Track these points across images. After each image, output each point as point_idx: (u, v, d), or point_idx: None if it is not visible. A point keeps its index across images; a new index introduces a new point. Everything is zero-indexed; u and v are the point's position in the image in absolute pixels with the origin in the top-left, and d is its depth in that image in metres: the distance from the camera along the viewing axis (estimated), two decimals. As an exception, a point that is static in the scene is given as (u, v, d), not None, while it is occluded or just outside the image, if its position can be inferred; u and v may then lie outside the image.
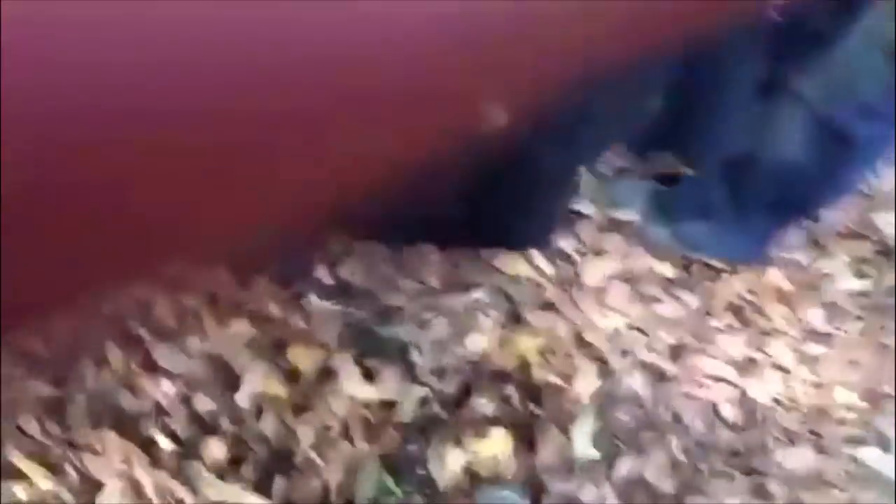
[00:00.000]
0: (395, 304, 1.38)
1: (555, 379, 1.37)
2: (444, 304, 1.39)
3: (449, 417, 1.32)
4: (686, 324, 1.45)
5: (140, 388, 1.25)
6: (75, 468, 1.20)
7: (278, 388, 1.30)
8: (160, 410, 1.25)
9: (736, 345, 1.44)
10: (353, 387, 1.31)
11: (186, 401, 1.26)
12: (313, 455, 1.27)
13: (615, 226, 1.49)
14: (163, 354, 1.28)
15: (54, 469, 1.20)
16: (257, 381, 1.29)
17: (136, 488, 1.19)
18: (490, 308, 1.40)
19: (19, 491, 1.18)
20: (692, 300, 1.46)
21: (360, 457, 1.27)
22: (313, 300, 1.36)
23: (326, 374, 1.32)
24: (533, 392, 1.36)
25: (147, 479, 1.19)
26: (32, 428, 1.22)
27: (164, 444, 1.22)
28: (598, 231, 1.48)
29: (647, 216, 1.48)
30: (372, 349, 1.34)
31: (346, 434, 1.29)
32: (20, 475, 1.19)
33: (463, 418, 1.32)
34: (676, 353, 1.43)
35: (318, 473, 1.25)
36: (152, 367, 1.27)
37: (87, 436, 1.22)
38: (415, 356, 1.34)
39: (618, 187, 1.52)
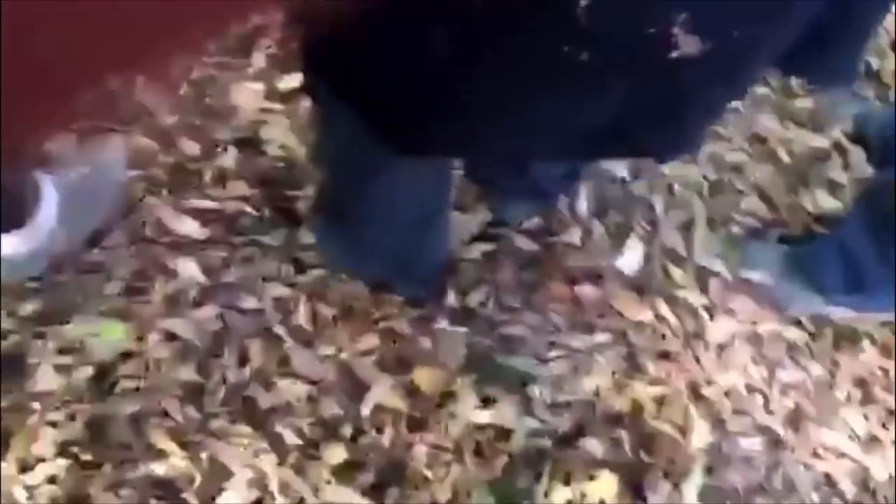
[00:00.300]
0: (517, 335, 1.39)
1: (668, 429, 1.34)
2: (565, 341, 1.38)
3: (559, 454, 1.31)
4: (808, 392, 1.39)
5: (275, 387, 1.30)
6: (208, 453, 1.26)
7: (399, 403, 1.32)
8: (290, 410, 1.29)
9: (859, 419, 1.37)
10: (470, 411, 1.32)
11: (315, 404, 1.30)
12: (425, 471, 1.28)
13: (745, 285, 1.44)
14: (299, 358, 1.32)
15: (189, 451, 1.26)
16: (381, 394, 1.32)
17: (261, 480, 1.23)
18: (610, 351, 1.38)
19: (157, 467, 1.24)
20: (817, 369, 1.40)
21: (469, 479, 1.28)
22: (441, 323, 1.37)
23: (446, 395, 1.34)
24: (645, 439, 1.34)
25: (272, 473, 1.23)
26: (174, 409, 1.29)
27: (292, 442, 1.26)
28: (726, 289, 1.44)
29: (782, 278, 1.43)
30: (492, 377, 1.35)
31: (459, 455, 1.30)
32: (159, 453, 1.26)
33: (573, 457, 1.30)
34: (795, 420, 1.38)
35: (428, 489, 1.27)
36: (288, 368, 1.32)
37: (222, 424, 1.28)
38: (532, 389, 1.34)
39: (751, 249, 1.48)
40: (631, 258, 1.45)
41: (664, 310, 1.42)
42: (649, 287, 1.44)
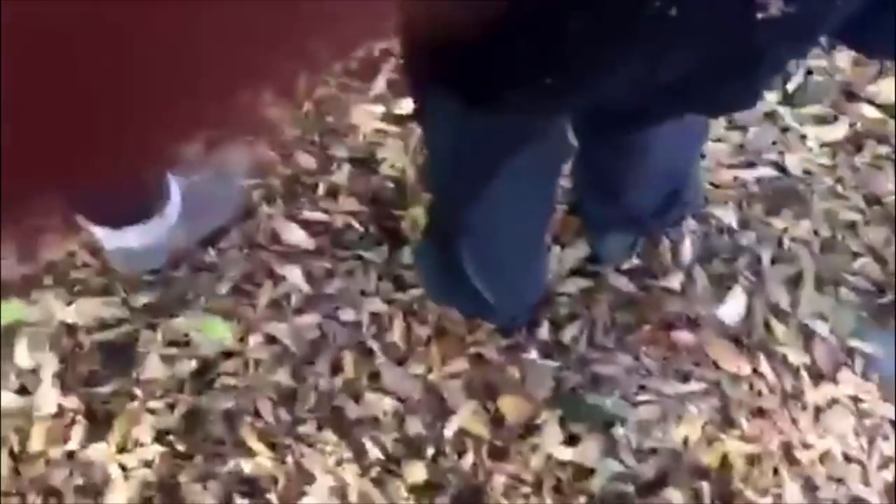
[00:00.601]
0: (608, 375, 1.34)
1: (754, 489, 1.26)
2: (657, 386, 1.33)
3: (640, 501, 1.25)
4: (911, 467, 1.29)
5: (364, 399, 1.30)
6: (294, 457, 1.26)
7: (483, 429, 1.30)
8: (376, 424, 1.29)
9: (966, 502, 1.26)
10: (553, 446, 1.28)
11: (401, 421, 1.29)
12: (502, 500, 1.25)
13: (851, 354, 1.35)
14: (389, 374, 1.32)
15: (277, 452, 1.27)
16: (465, 418, 1.30)
17: (341, 489, 1.23)
18: (702, 401, 1.32)
19: (245, 465, 1.26)
20: (923, 444, 1.30)
21: (545, 514, 1.24)
22: (532, 355, 1.34)
23: (530, 427, 1.30)
24: (728, 497, 1.26)
25: (353, 483, 1.23)
26: (266, 410, 1.30)
27: (375, 455, 1.25)
28: (831, 355, 1.35)
29: (894, 353, 1.32)
30: (578, 414, 1.31)
31: (537, 489, 1.26)
32: (248, 451, 1.27)
33: (654, 505, 1.25)
34: (893, 494, 1.28)
35: (504, 520, 1.23)
36: (378, 383, 1.31)
37: (309, 430, 1.28)
38: (618, 432, 1.29)
39: (864, 324, 1.38)
40: (732, 309, 1.39)
41: (763, 365, 1.34)
42: (749, 340, 1.37)
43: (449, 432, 1.29)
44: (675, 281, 1.40)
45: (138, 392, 1.31)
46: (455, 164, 0.87)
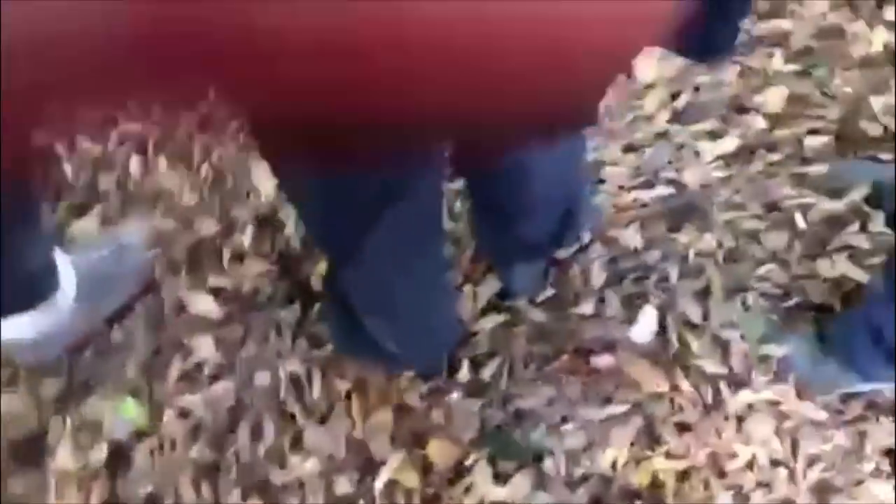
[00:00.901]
0: (531, 408, 1.35)
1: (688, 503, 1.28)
2: (581, 414, 1.34)
3: (576, 531, 1.26)
4: (834, 464, 1.32)
5: (289, 464, 1.28)
6: (221, 532, 1.23)
7: (413, 479, 1.29)
8: (303, 488, 1.27)
9: (888, 491, 1.30)
10: (485, 486, 1.28)
11: (328, 481, 1.27)
12: (440, 550, 1.24)
13: (764, 359, 1.39)
14: (312, 435, 1.30)
15: (203, 530, 1.24)
16: (394, 470, 1.29)
17: (271, 560, 1.20)
18: (627, 423, 1.34)
19: (169, 547, 1.22)
20: (843, 440, 1.34)
21: (484, 558, 1.23)
22: (454, 397, 1.34)
23: (460, 470, 1.30)
24: (664, 514, 1.28)
25: (282, 553, 1.20)
26: (187, 490, 1.27)
27: (302, 521, 1.23)
28: (745, 359, 1.39)
29: (813, 358, 1.36)
30: (506, 451, 1.31)
31: (473, 533, 1.25)
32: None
33: (590, 533, 1.25)
34: (821, 492, 1.31)
35: (443, 569, 1.22)
36: (301, 445, 1.29)
37: (235, 502, 1.25)
38: (547, 464, 1.29)
39: (778, 328, 1.41)
40: (646, 328, 1.41)
41: (681, 380, 1.37)
42: (666, 357, 1.39)
43: (379, 485, 1.28)
44: (587, 306, 1.43)
45: (52, 485, 1.27)
46: (326, 225, 0.88)
